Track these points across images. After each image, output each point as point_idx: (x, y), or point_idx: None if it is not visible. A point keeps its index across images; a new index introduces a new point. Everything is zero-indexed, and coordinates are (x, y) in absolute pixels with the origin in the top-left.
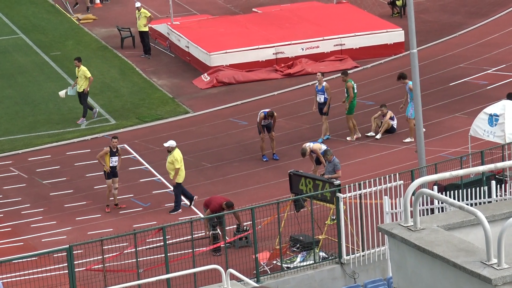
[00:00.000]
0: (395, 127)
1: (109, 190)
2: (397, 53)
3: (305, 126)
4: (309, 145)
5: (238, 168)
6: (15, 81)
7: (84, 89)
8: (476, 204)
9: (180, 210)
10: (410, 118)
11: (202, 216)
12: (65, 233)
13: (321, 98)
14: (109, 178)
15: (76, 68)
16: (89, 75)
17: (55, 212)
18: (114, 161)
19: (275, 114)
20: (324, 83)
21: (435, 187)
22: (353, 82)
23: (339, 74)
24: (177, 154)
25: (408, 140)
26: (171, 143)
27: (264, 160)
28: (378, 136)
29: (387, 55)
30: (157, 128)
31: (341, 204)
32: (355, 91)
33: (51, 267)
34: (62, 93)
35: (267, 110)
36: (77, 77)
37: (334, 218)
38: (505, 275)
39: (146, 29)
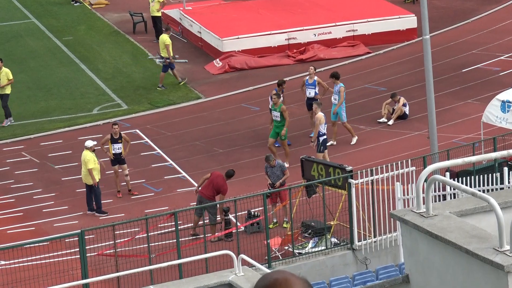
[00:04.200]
0: (408, 113)
1: (116, 176)
2: (409, 39)
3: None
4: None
5: (249, 153)
6: (27, 66)
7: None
8: (488, 190)
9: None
10: (344, 122)
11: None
12: (77, 218)
13: (311, 93)
14: (114, 164)
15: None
16: (11, 77)
17: (67, 197)
18: (117, 148)
19: (284, 81)
20: (316, 77)
21: (447, 173)
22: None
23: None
24: (88, 155)
25: (330, 143)
26: (88, 143)
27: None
28: (390, 122)
29: (399, 41)
30: (169, 113)
31: (353, 190)
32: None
33: (63, 252)
34: None
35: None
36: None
37: (276, 221)
38: None
39: (159, 14)
